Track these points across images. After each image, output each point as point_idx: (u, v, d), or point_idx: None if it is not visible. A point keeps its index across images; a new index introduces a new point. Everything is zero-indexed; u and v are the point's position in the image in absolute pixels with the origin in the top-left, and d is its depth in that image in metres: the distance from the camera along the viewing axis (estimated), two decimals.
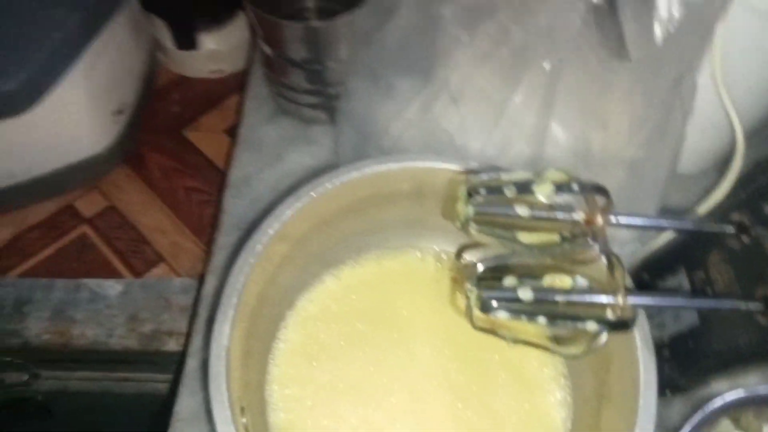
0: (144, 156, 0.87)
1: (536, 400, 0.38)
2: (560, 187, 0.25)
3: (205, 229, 0.78)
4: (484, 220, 0.25)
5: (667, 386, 0.37)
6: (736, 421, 0.40)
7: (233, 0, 0.86)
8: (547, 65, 0.31)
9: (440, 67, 0.35)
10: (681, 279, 0.36)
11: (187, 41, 0.89)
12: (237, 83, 0.90)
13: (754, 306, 0.28)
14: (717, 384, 0.38)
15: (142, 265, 0.75)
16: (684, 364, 0.36)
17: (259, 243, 0.33)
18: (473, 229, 0.26)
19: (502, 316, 0.22)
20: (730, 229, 0.31)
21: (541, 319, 0.22)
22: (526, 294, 0.23)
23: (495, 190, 0.25)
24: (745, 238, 0.30)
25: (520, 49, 0.31)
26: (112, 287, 0.61)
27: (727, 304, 0.28)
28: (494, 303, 0.22)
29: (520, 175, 0.26)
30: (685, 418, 0.39)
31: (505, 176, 0.26)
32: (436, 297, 0.41)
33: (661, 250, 0.39)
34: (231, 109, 0.91)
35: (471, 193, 0.25)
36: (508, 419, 0.38)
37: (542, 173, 0.27)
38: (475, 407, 0.38)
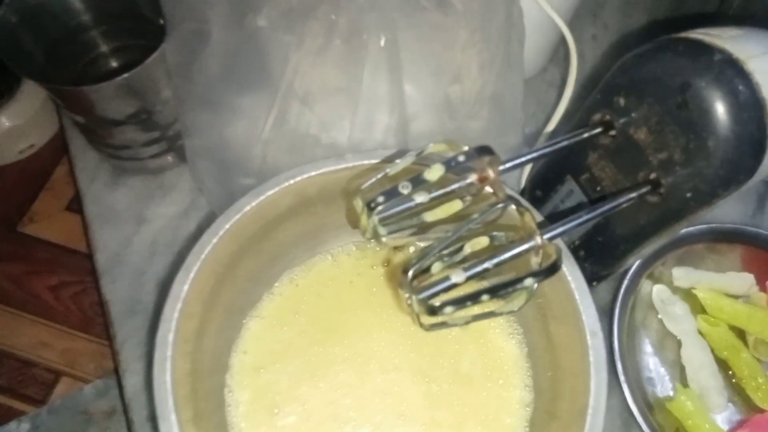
0: None
1: (489, 339, 0.40)
2: (449, 164, 0.25)
3: (93, 320, 0.70)
4: (391, 222, 0.25)
5: (592, 280, 0.40)
6: (651, 277, 0.45)
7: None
8: (381, 41, 0.31)
9: (279, 75, 0.33)
10: (571, 185, 0.38)
11: None
12: (56, 150, 0.80)
13: (643, 190, 0.31)
14: (631, 261, 0.41)
15: (40, 391, 0.65)
16: (600, 257, 0.39)
17: (169, 332, 0.30)
18: (384, 234, 0.25)
19: (449, 311, 0.22)
20: (597, 130, 0.33)
21: (485, 297, 0.23)
22: (458, 276, 0.23)
23: (391, 192, 0.24)
24: (612, 133, 0.33)
25: (349, 35, 0.30)
26: (17, 429, 0.53)
27: (624, 199, 0.30)
28: (437, 302, 0.22)
29: (404, 162, 0.26)
30: (614, 293, 0.43)
31: (391, 171, 0.26)
32: (365, 289, 0.41)
33: (545, 165, 0.41)
34: (62, 181, 0.81)
35: (370, 204, 0.24)
36: (473, 371, 0.39)
37: (424, 151, 0.26)
38: (444, 376, 0.38)
